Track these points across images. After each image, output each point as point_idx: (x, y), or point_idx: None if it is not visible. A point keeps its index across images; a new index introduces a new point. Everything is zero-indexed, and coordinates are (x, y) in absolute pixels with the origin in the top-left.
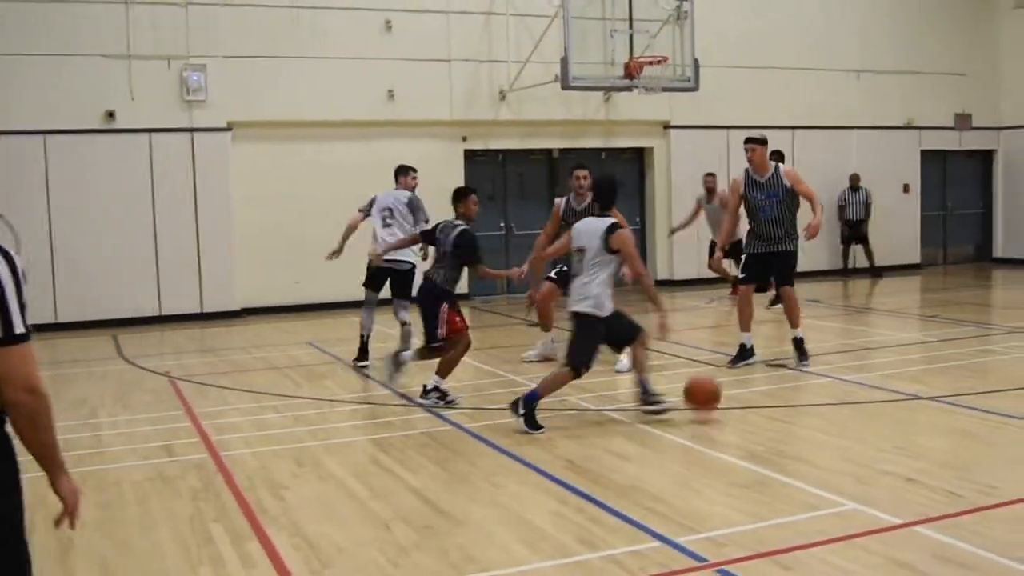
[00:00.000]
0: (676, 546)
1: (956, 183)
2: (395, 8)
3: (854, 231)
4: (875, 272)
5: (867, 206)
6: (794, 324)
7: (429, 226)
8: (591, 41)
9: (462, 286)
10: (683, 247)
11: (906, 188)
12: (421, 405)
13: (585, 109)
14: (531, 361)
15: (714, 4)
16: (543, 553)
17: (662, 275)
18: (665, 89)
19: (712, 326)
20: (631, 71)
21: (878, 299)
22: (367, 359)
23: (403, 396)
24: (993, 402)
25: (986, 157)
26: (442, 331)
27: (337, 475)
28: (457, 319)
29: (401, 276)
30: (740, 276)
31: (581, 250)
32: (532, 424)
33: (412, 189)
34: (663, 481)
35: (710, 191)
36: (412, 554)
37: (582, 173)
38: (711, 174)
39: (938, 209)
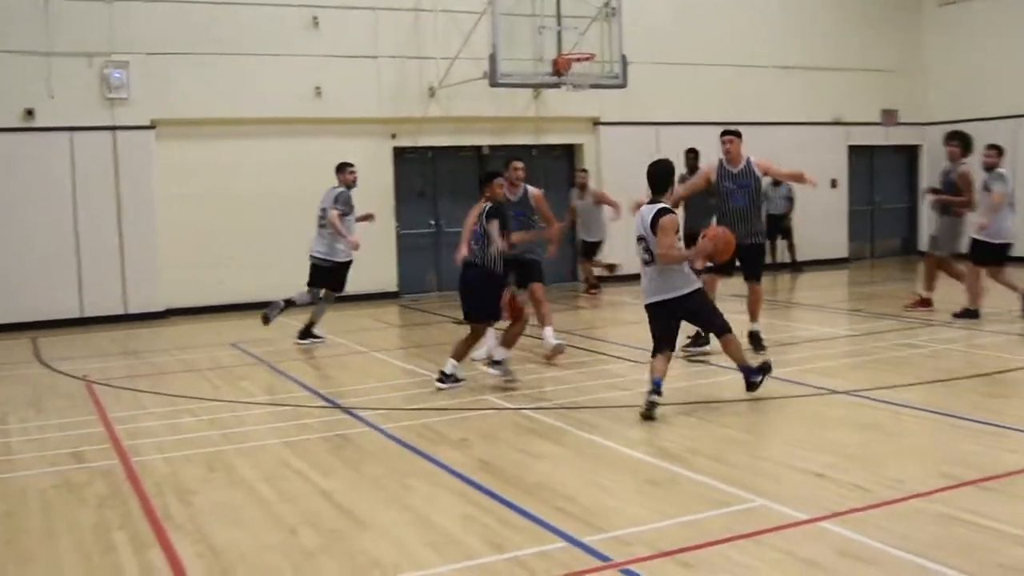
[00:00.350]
0: (582, 546)
1: (883, 178)
2: (322, 4)
3: (777, 226)
4: (796, 267)
5: (790, 200)
6: (753, 318)
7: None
8: (520, 38)
9: (390, 283)
10: (608, 243)
11: (834, 183)
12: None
13: (515, 106)
14: (479, 360)
15: (643, 1)
16: (449, 556)
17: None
18: (593, 86)
19: (636, 321)
20: (559, 68)
21: (803, 293)
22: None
23: (323, 397)
24: (906, 395)
25: (912, 152)
26: (506, 313)
27: (248, 479)
28: (517, 302)
29: (339, 269)
30: (707, 265)
31: (641, 239)
32: (765, 370)
33: (350, 185)
34: (574, 480)
35: (582, 187)
36: (316, 558)
37: (519, 164)
38: (583, 170)
39: (865, 204)
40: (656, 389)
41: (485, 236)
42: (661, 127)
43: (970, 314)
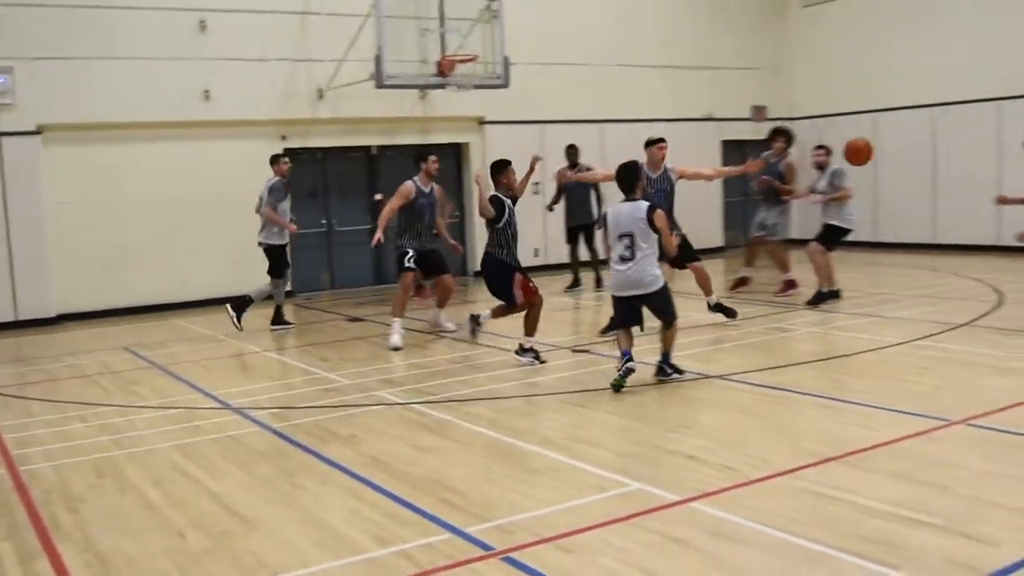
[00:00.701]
0: (466, 536)
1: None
2: (209, 8)
3: None
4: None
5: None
6: (708, 292)
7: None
8: (405, 40)
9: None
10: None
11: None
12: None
13: (402, 106)
14: (400, 349)
15: (523, 3)
16: (335, 553)
17: None
18: (476, 87)
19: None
20: (443, 69)
21: (680, 282)
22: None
23: (215, 399)
24: (773, 377)
25: None
26: (519, 298)
27: (137, 484)
28: (530, 284)
29: (273, 251)
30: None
31: (626, 236)
32: (679, 370)
33: (284, 174)
34: (461, 472)
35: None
36: (203, 562)
37: (435, 158)
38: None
39: (739, 195)
40: (627, 359)
41: (506, 228)
42: (545, 125)
43: (831, 295)
